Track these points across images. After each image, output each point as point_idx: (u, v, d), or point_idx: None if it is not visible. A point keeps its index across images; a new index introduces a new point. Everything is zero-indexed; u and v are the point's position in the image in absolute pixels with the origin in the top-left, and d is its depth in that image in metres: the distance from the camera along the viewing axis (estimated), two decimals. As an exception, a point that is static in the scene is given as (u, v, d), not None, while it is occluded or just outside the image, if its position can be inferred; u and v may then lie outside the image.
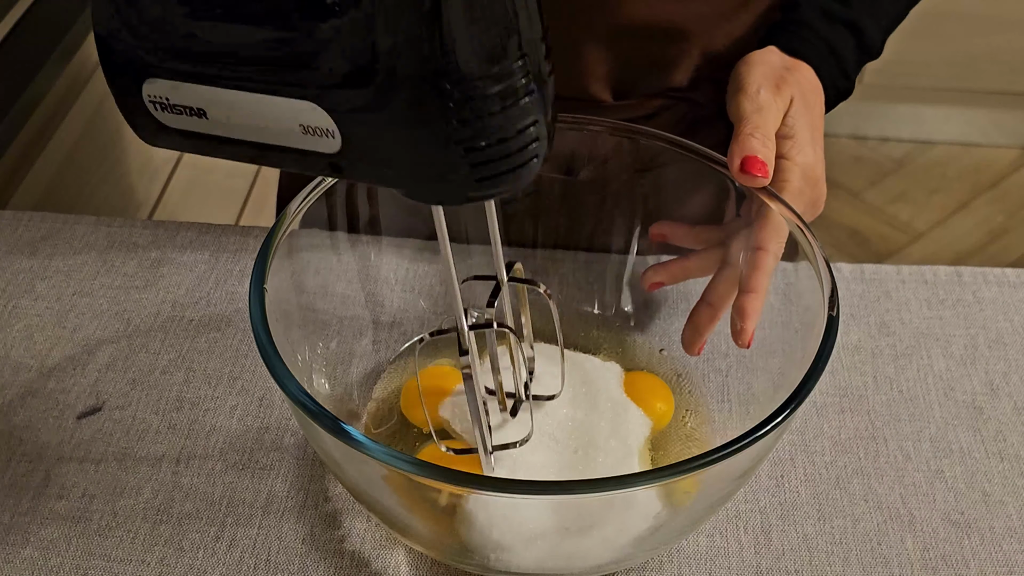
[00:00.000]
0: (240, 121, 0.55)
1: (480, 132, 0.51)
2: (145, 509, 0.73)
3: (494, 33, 0.50)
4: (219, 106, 0.55)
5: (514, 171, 0.53)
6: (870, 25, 0.87)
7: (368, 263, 0.79)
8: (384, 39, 0.49)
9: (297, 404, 0.60)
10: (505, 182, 0.53)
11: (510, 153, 0.52)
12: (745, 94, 0.77)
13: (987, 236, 2.36)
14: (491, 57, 0.50)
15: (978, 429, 0.79)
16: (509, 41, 0.50)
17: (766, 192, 0.73)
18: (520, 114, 0.52)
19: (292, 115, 0.53)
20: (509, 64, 0.50)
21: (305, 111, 0.53)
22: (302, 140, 0.54)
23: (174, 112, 0.56)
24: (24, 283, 0.88)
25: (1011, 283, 0.89)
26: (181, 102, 0.55)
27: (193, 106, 0.55)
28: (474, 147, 0.51)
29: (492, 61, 0.50)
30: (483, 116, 0.51)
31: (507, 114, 0.51)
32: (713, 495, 0.65)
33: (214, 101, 0.55)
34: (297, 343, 0.69)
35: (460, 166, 0.52)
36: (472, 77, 0.50)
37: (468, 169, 0.52)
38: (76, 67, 1.26)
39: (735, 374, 0.75)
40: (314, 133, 0.53)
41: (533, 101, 0.52)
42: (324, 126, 0.53)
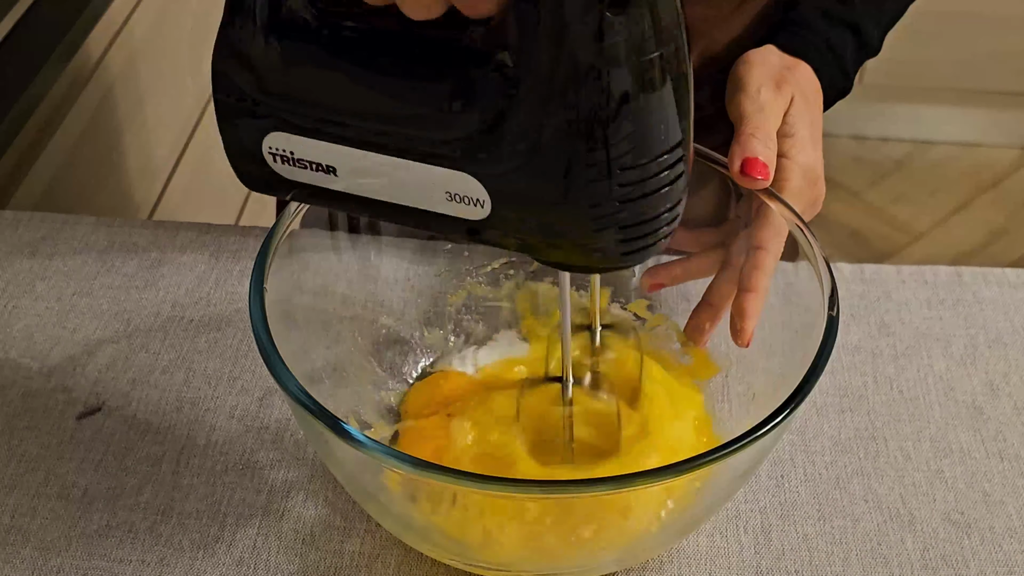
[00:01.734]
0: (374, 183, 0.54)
1: (637, 213, 0.52)
2: (145, 509, 0.73)
3: (660, 124, 0.51)
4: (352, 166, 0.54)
5: (656, 243, 0.54)
6: (869, 24, 0.86)
7: (368, 263, 0.79)
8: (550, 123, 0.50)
9: (297, 404, 0.60)
10: (647, 254, 0.54)
11: (656, 229, 0.54)
12: (745, 94, 0.77)
13: (987, 236, 2.36)
14: (656, 146, 0.51)
15: (978, 429, 0.79)
16: (673, 130, 0.51)
17: (766, 192, 0.73)
18: (673, 194, 0.53)
19: (437, 182, 0.53)
20: (671, 150, 0.52)
21: (455, 179, 0.53)
22: (446, 206, 0.54)
23: (298, 166, 0.55)
24: (24, 283, 0.88)
25: (1011, 283, 0.89)
26: (307, 158, 0.55)
27: (321, 163, 0.55)
28: (627, 225, 0.52)
29: (656, 150, 0.51)
30: (643, 198, 0.52)
31: (663, 195, 0.52)
32: (713, 495, 0.65)
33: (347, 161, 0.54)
34: (297, 343, 0.69)
35: (611, 242, 0.53)
36: (640, 164, 0.51)
37: (617, 244, 0.53)
38: (76, 67, 1.26)
39: (735, 374, 0.75)
40: (461, 200, 0.53)
41: (681, 182, 0.53)
42: (474, 195, 0.53)
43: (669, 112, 0.51)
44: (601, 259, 0.54)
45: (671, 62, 0.50)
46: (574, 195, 0.51)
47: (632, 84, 0.49)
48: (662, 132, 0.51)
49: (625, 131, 0.50)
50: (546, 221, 0.53)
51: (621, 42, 0.48)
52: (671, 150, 0.52)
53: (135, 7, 1.41)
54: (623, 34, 0.48)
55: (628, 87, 0.49)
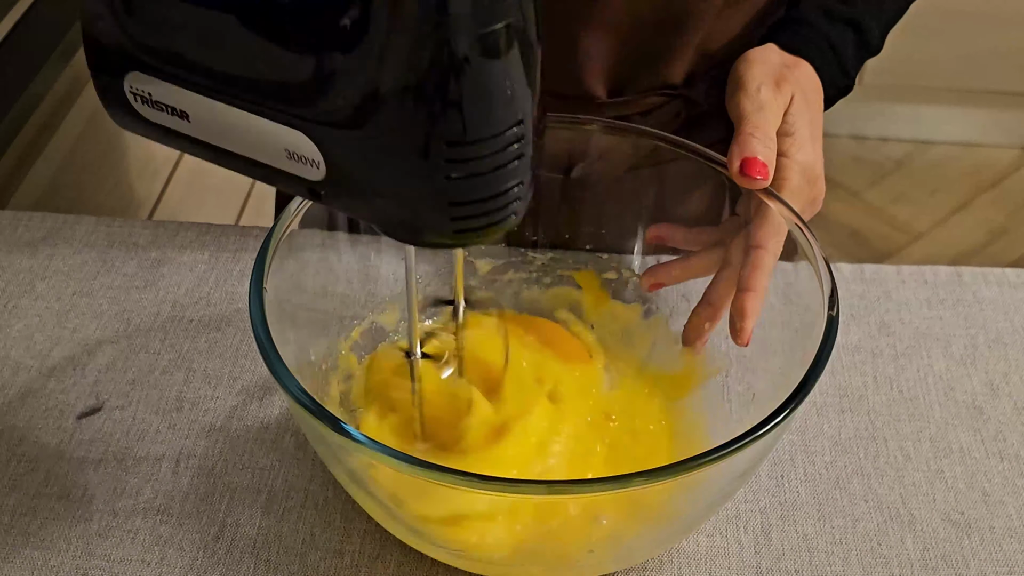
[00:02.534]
0: (223, 132, 0.55)
1: (467, 190, 0.52)
2: (145, 509, 0.73)
3: (492, 103, 0.50)
4: (203, 113, 0.54)
5: (492, 226, 0.54)
6: (870, 22, 0.86)
7: (368, 263, 0.79)
8: (386, 90, 0.50)
9: (297, 403, 0.60)
10: (481, 235, 0.54)
11: (491, 210, 0.53)
12: (745, 93, 0.77)
13: (987, 236, 2.36)
14: (490, 123, 0.50)
15: (978, 429, 0.79)
16: (509, 109, 0.51)
17: (765, 191, 0.73)
18: (507, 176, 0.52)
19: (278, 139, 0.53)
20: (504, 131, 0.51)
21: (292, 138, 0.53)
22: (286, 163, 0.54)
23: (155, 108, 0.56)
24: (24, 283, 0.88)
25: (1011, 283, 0.89)
26: (163, 100, 0.55)
27: (175, 107, 0.55)
28: (458, 202, 0.52)
29: (487, 129, 0.50)
30: (473, 176, 0.51)
31: (495, 175, 0.52)
32: (713, 495, 0.65)
33: (198, 107, 0.54)
34: (297, 343, 0.69)
35: (441, 218, 0.53)
36: (470, 140, 0.50)
37: (449, 222, 0.53)
38: (76, 67, 1.26)
39: (735, 374, 0.75)
40: (299, 160, 0.53)
41: (521, 164, 0.52)
42: (310, 156, 0.53)
43: (507, 90, 0.50)
44: (433, 235, 0.54)
45: (514, 37, 0.49)
46: (401, 166, 0.51)
47: (467, 55, 0.48)
48: (498, 110, 0.50)
49: (456, 105, 0.49)
50: (376, 190, 0.53)
51: (460, 12, 0.47)
52: (506, 130, 0.51)
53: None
54: (463, 4, 0.47)
55: (462, 58, 0.48)
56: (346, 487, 0.68)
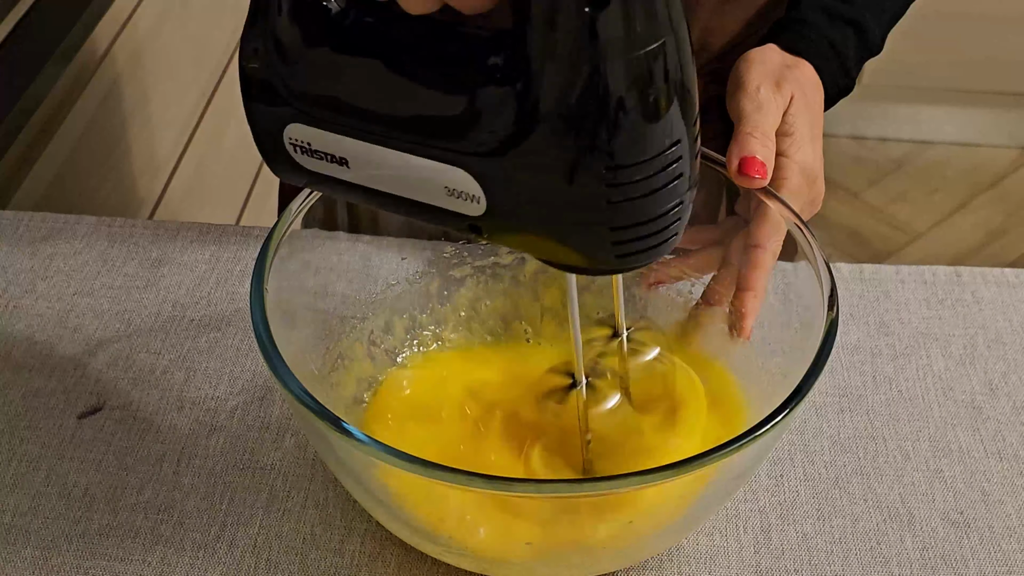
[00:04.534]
0: (383, 175, 0.55)
1: (628, 214, 0.51)
2: (146, 509, 0.73)
3: (652, 123, 0.50)
4: (362, 158, 0.55)
5: (654, 247, 0.53)
6: (871, 22, 0.86)
7: (368, 263, 0.79)
8: (545, 115, 0.49)
9: (298, 403, 0.60)
10: (645, 257, 0.53)
11: (654, 232, 0.53)
12: (745, 92, 0.77)
13: (986, 236, 2.36)
14: (647, 146, 0.50)
15: (977, 429, 0.79)
16: (666, 129, 0.50)
17: (764, 190, 0.73)
18: (668, 197, 0.52)
19: (438, 177, 0.53)
20: (664, 151, 0.51)
21: (452, 175, 0.53)
22: (446, 200, 0.54)
23: (314, 157, 0.56)
24: (25, 283, 0.88)
25: (1010, 283, 0.90)
26: (323, 149, 0.55)
27: (335, 154, 0.55)
28: (619, 227, 0.52)
29: (647, 150, 0.50)
30: (633, 199, 0.51)
31: (655, 197, 0.51)
32: (713, 495, 0.66)
33: (357, 153, 0.54)
34: (298, 343, 0.69)
35: (604, 244, 0.52)
36: (627, 164, 0.50)
37: (611, 247, 0.52)
38: (77, 67, 1.26)
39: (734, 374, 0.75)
40: (459, 196, 0.53)
41: (682, 183, 0.52)
42: (470, 191, 0.53)
43: (662, 111, 0.50)
44: (595, 260, 0.54)
45: (665, 58, 0.49)
46: (560, 193, 0.51)
47: (620, 79, 0.48)
48: (656, 132, 0.50)
49: (616, 129, 0.49)
50: (538, 219, 0.53)
51: (610, 37, 0.47)
52: (665, 151, 0.51)
53: (137, 5, 1.41)
54: (613, 29, 0.47)
55: (616, 82, 0.48)
56: (346, 487, 0.68)
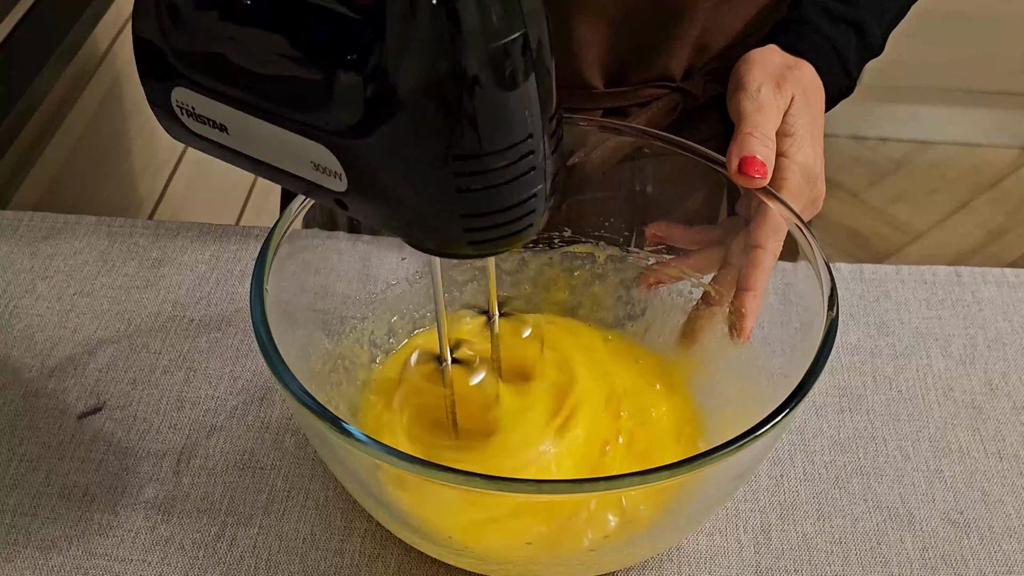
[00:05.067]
0: (258, 144, 0.56)
1: (479, 203, 0.52)
2: (146, 509, 0.73)
3: (504, 115, 0.50)
4: (239, 126, 0.56)
5: (508, 237, 0.54)
6: (872, 23, 0.87)
7: (368, 263, 0.79)
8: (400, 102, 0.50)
9: (298, 403, 0.60)
10: (498, 246, 0.55)
11: (506, 222, 0.54)
12: (745, 92, 0.77)
13: (986, 236, 2.36)
14: (502, 136, 0.51)
15: (977, 429, 0.79)
16: (519, 123, 0.51)
17: (764, 191, 0.73)
18: (520, 188, 0.53)
19: (304, 151, 0.54)
20: (516, 144, 0.51)
21: (316, 151, 0.54)
22: (312, 174, 0.55)
23: (199, 121, 0.57)
24: (25, 283, 0.88)
25: (1010, 283, 0.90)
26: (205, 114, 0.57)
27: (216, 120, 0.57)
28: (471, 214, 0.53)
29: (498, 141, 0.51)
30: (485, 188, 0.52)
31: (507, 188, 0.52)
32: (713, 494, 0.66)
33: (235, 121, 0.56)
34: (298, 343, 0.69)
35: (456, 230, 0.53)
36: (480, 154, 0.51)
37: (464, 233, 0.53)
38: (77, 67, 1.26)
39: (734, 374, 0.75)
40: (324, 171, 0.54)
41: (536, 175, 0.53)
42: (332, 167, 0.54)
43: (517, 103, 0.50)
44: (449, 245, 0.55)
45: (522, 51, 0.49)
46: (414, 178, 0.52)
47: (476, 70, 0.49)
48: (508, 124, 0.50)
49: (466, 119, 0.49)
50: (395, 202, 0.54)
51: (466, 28, 0.48)
52: (517, 144, 0.51)
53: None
54: (469, 20, 0.48)
55: (472, 72, 0.49)
56: (346, 487, 0.68)
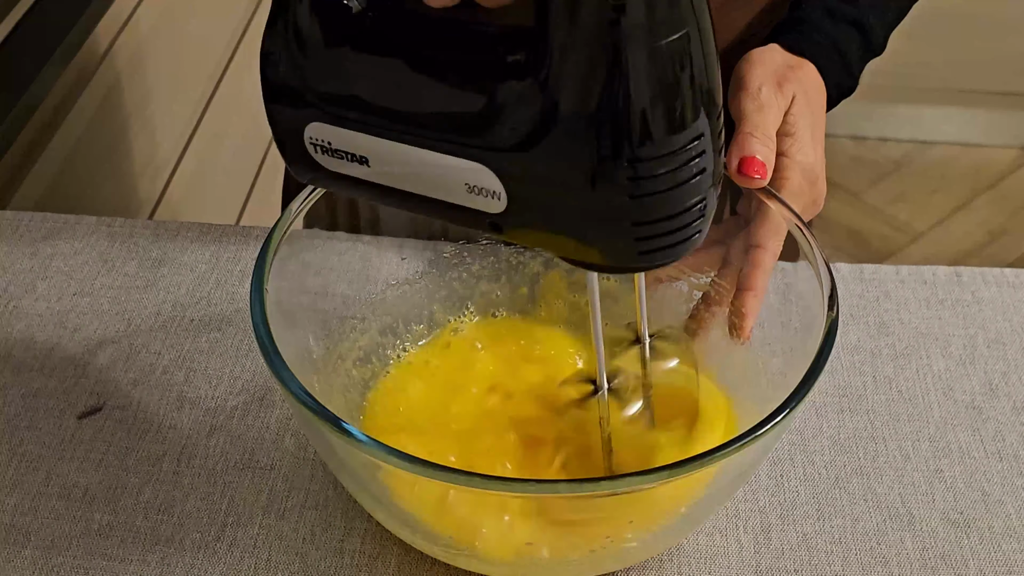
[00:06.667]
0: (403, 173, 0.54)
1: (649, 209, 0.51)
2: (146, 509, 0.73)
3: (675, 114, 0.49)
4: (382, 156, 0.54)
5: (677, 245, 0.53)
6: (874, 22, 0.86)
7: (368, 263, 0.79)
8: (566, 110, 0.49)
9: (299, 403, 0.60)
10: (667, 255, 0.53)
11: (676, 229, 0.52)
12: (746, 92, 0.77)
13: (986, 236, 2.36)
14: (670, 138, 0.49)
15: (977, 429, 0.79)
16: (689, 122, 0.50)
17: (765, 191, 0.73)
18: (691, 192, 0.51)
19: (458, 174, 0.53)
20: (687, 144, 0.50)
21: (472, 171, 0.52)
22: (466, 198, 0.53)
23: (335, 156, 0.56)
24: (25, 283, 0.88)
25: (1010, 283, 0.90)
26: (343, 147, 0.55)
27: (355, 153, 0.55)
28: (641, 222, 0.51)
29: (670, 142, 0.49)
30: (655, 194, 0.50)
31: (678, 192, 0.51)
32: (713, 494, 0.66)
33: (377, 151, 0.54)
34: (298, 343, 0.69)
35: (626, 240, 0.52)
36: (649, 157, 0.49)
37: (633, 243, 0.52)
38: (78, 67, 1.26)
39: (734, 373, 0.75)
40: (479, 193, 0.53)
41: (705, 178, 0.51)
42: (491, 187, 0.52)
43: (686, 104, 0.49)
44: (617, 258, 0.53)
45: (689, 49, 0.48)
46: (581, 187, 0.50)
47: (643, 70, 0.47)
48: (678, 125, 0.49)
49: (638, 123, 0.48)
50: (559, 215, 0.52)
51: (632, 27, 0.47)
52: (687, 145, 0.50)
53: (137, 5, 1.41)
54: (634, 19, 0.47)
55: (639, 73, 0.47)
56: (347, 487, 0.68)
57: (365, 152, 0.55)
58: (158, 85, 1.48)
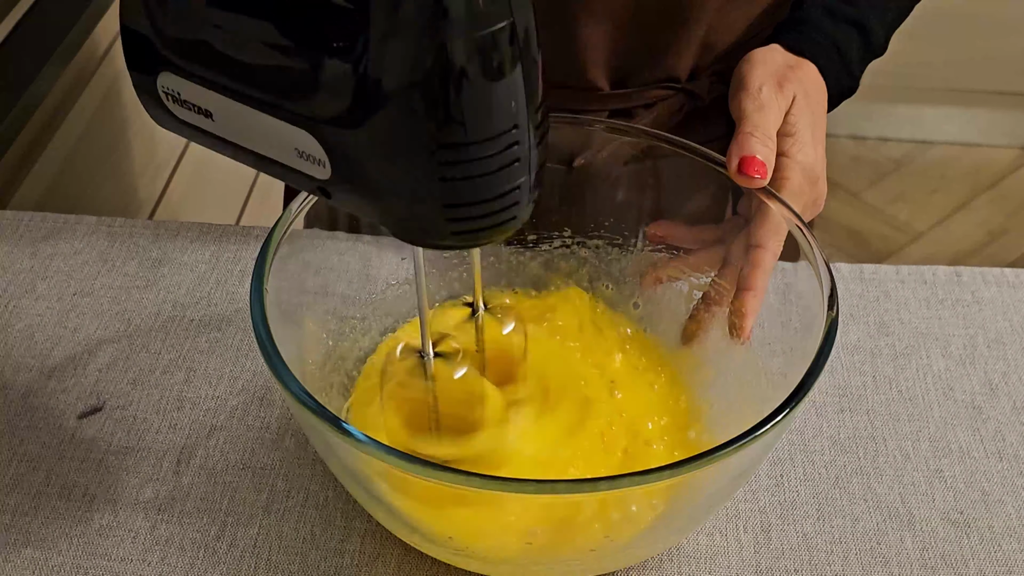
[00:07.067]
0: (242, 130, 0.56)
1: (462, 193, 0.52)
2: (146, 509, 0.73)
3: (489, 104, 0.50)
4: (224, 112, 0.56)
5: (492, 228, 0.54)
6: (875, 23, 0.86)
7: (368, 263, 0.79)
8: (384, 90, 0.50)
9: (298, 403, 0.60)
10: (481, 237, 0.54)
11: (489, 213, 0.53)
12: (747, 92, 0.77)
13: (986, 236, 2.36)
14: (482, 127, 0.50)
15: (977, 429, 0.79)
16: (504, 112, 0.51)
17: (765, 191, 0.73)
18: (504, 179, 0.52)
19: (288, 138, 0.54)
20: (500, 134, 0.51)
21: (300, 137, 0.54)
22: (296, 161, 0.55)
23: (184, 107, 0.57)
24: (25, 283, 0.88)
25: (1010, 283, 0.90)
26: (190, 99, 0.57)
27: (201, 106, 0.57)
28: (454, 204, 0.52)
29: (482, 131, 0.50)
30: (468, 179, 0.52)
31: (491, 178, 0.52)
32: (713, 494, 0.66)
33: (220, 106, 0.56)
34: (298, 343, 0.69)
35: (439, 220, 0.53)
36: (464, 143, 0.50)
37: (447, 223, 0.53)
38: (77, 67, 1.26)
39: (734, 374, 0.75)
40: (307, 159, 0.54)
41: (520, 167, 0.52)
42: (316, 155, 0.54)
43: (502, 94, 0.50)
44: (432, 235, 0.54)
45: (509, 40, 0.49)
46: (398, 166, 0.52)
47: (461, 59, 0.48)
48: (493, 114, 0.50)
49: (450, 108, 0.49)
50: (379, 190, 0.53)
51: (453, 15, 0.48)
52: (501, 134, 0.51)
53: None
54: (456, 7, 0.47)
55: (456, 61, 0.48)
56: (347, 487, 0.68)
57: (208, 106, 0.57)
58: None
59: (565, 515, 0.64)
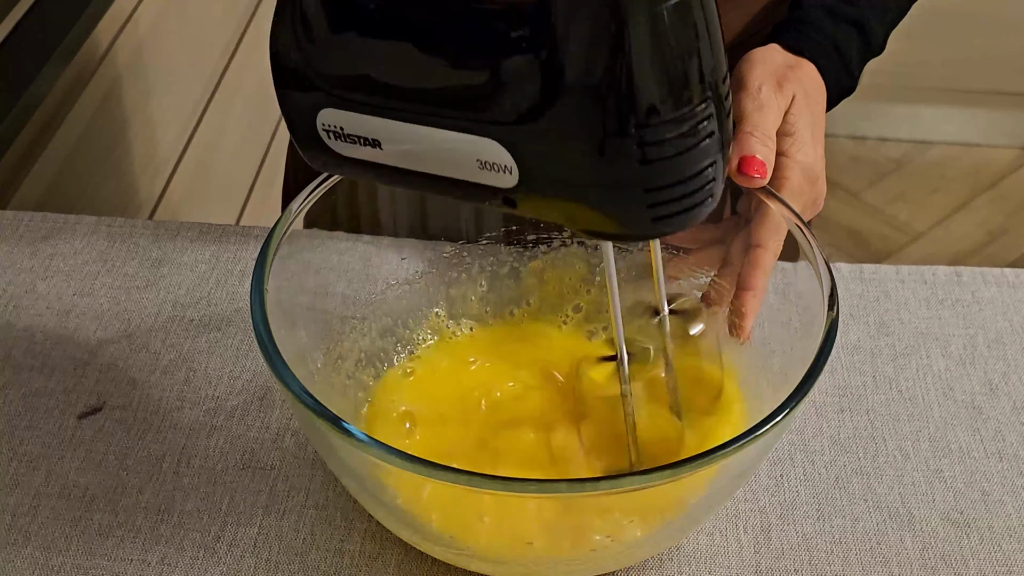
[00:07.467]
0: (416, 154, 0.55)
1: (660, 174, 0.51)
2: (146, 509, 0.73)
3: (681, 78, 0.49)
4: (395, 138, 0.55)
5: (690, 211, 0.53)
6: (874, 22, 0.86)
7: (368, 263, 0.79)
8: (572, 78, 0.49)
9: (298, 403, 0.60)
10: (680, 222, 0.53)
11: (687, 194, 0.52)
12: (746, 92, 0.77)
13: (986, 236, 2.36)
14: (676, 101, 0.50)
15: (977, 429, 0.79)
16: (695, 85, 0.50)
17: (765, 190, 0.73)
18: (700, 156, 0.51)
19: (469, 150, 0.53)
20: (694, 108, 0.50)
21: (483, 147, 0.52)
22: (479, 174, 0.54)
23: (348, 141, 0.56)
24: (25, 283, 0.88)
25: (1010, 283, 0.90)
26: (356, 132, 0.55)
27: (368, 136, 0.55)
28: (653, 188, 0.51)
29: (677, 105, 0.50)
30: (665, 159, 0.50)
31: (688, 156, 0.51)
32: (713, 494, 0.66)
33: (390, 133, 0.54)
34: (298, 343, 0.69)
35: (639, 207, 0.52)
36: (657, 122, 0.49)
37: (646, 210, 0.52)
38: (77, 67, 1.26)
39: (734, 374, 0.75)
40: (491, 168, 0.53)
41: (713, 142, 0.52)
42: (502, 162, 0.53)
43: (695, 63, 0.49)
44: (631, 226, 0.53)
45: (691, 11, 0.48)
46: (593, 158, 0.51)
47: (646, 35, 0.48)
48: (686, 87, 0.49)
49: (644, 86, 0.48)
50: (571, 186, 0.52)
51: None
52: (695, 106, 0.50)
53: (137, 5, 1.41)
54: None
55: (642, 39, 0.48)
56: (347, 487, 0.68)
57: (377, 135, 0.55)
58: (158, 85, 1.48)
59: (566, 515, 0.64)
